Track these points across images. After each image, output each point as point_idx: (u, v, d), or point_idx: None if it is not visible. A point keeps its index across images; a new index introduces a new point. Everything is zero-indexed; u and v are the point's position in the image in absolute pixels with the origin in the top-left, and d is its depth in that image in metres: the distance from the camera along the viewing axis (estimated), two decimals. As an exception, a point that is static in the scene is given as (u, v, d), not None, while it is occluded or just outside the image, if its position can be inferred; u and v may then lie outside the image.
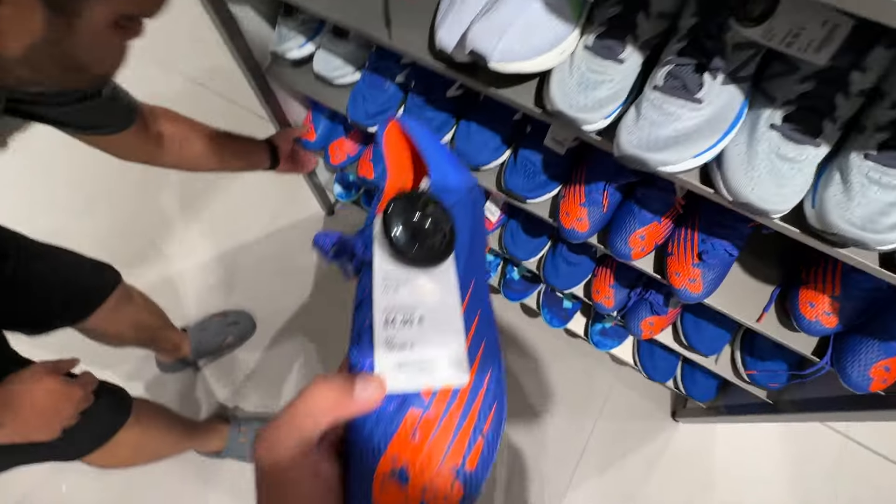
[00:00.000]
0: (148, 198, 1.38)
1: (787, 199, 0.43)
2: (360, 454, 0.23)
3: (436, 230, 0.25)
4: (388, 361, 0.23)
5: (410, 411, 0.22)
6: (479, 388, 0.23)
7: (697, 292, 0.62)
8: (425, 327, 0.23)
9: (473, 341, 0.24)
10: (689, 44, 0.43)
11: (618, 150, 0.46)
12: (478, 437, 0.22)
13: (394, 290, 0.24)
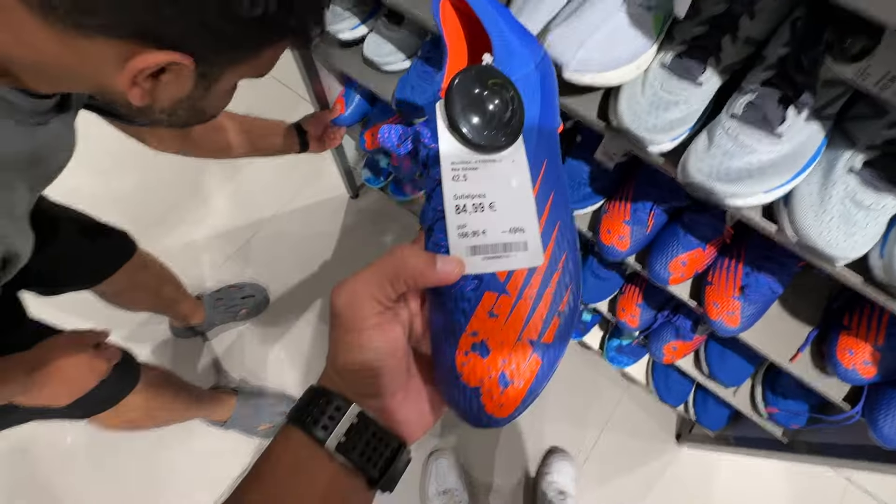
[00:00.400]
0: (174, 164, 1.36)
1: (856, 248, 0.41)
2: (443, 331, 0.24)
3: (502, 109, 0.24)
4: (462, 247, 0.23)
5: (487, 293, 0.23)
6: (553, 270, 0.24)
7: (734, 326, 0.60)
8: (497, 212, 0.24)
9: (547, 223, 0.24)
10: (777, 74, 0.41)
11: (684, 175, 0.44)
12: (553, 316, 0.23)
13: (462, 177, 0.24)
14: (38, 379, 0.52)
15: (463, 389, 0.23)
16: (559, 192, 0.26)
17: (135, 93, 0.32)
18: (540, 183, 0.25)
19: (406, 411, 0.25)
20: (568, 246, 0.25)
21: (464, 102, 0.23)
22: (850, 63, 0.38)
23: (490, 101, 0.23)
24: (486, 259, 0.23)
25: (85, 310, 0.91)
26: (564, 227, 0.25)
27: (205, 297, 1.15)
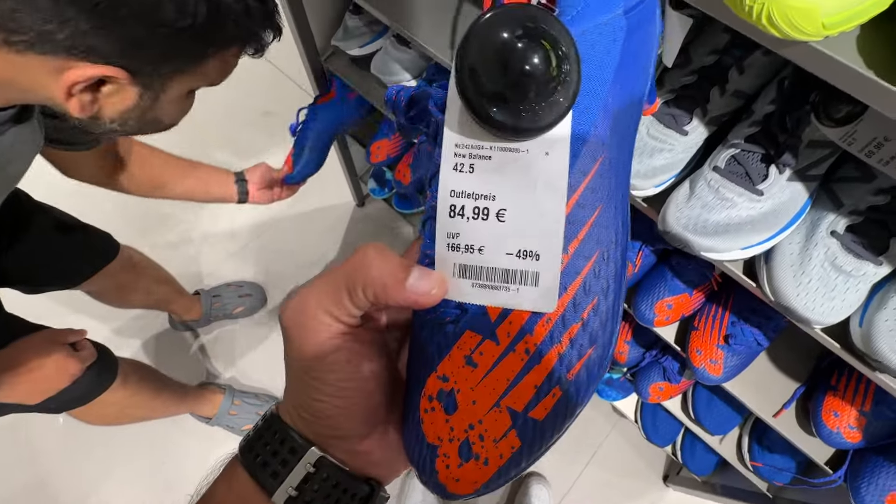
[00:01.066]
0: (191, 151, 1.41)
1: (834, 313, 0.40)
2: (415, 359, 0.19)
3: (542, 74, 0.15)
4: (449, 263, 0.18)
5: (469, 332, 0.18)
6: (570, 322, 0.17)
7: (716, 375, 0.59)
8: (506, 225, 0.17)
9: (577, 254, 0.17)
10: (761, 131, 0.41)
11: (663, 224, 0.44)
12: (554, 385, 0.17)
13: (468, 168, 0.17)
14: (9, 379, 0.53)
15: (420, 440, 0.18)
16: (610, 209, 0.18)
17: (73, 104, 0.33)
18: (582, 192, 0.17)
19: (384, 451, 0.20)
20: (602, 290, 0.17)
21: (485, 56, 0.15)
22: (837, 127, 0.37)
23: (526, 58, 0.15)
24: (478, 286, 0.17)
25: (79, 304, 0.93)
26: (604, 260, 0.18)
27: (202, 293, 1.17)
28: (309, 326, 0.18)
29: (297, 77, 1.53)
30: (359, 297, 0.17)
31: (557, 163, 0.17)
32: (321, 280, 0.18)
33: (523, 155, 0.17)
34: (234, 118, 1.46)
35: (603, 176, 0.18)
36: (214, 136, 1.43)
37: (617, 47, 0.18)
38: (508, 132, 0.16)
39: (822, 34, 0.26)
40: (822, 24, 0.26)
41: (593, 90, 0.18)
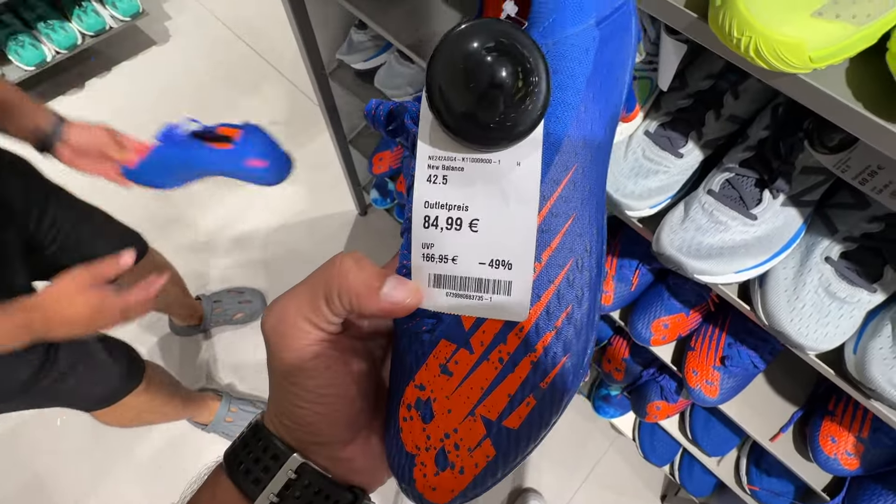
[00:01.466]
0: (198, 163, 1.43)
1: (828, 339, 0.40)
2: (397, 368, 0.19)
3: (510, 86, 0.15)
4: (424, 273, 0.18)
5: (443, 341, 0.18)
6: (544, 330, 0.17)
7: (712, 396, 0.58)
8: (478, 235, 0.17)
9: (551, 263, 0.17)
10: (756, 156, 0.41)
11: (657, 246, 0.44)
12: (528, 394, 0.17)
13: (441, 179, 0.17)
14: (41, 316, 0.48)
15: (400, 448, 0.19)
16: (584, 217, 0.18)
17: None
18: (555, 201, 0.17)
19: (367, 458, 0.20)
20: (576, 298, 0.17)
21: (453, 70, 0.15)
22: (831, 154, 0.37)
23: (493, 71, 0.15)
24: (452, 296, 0.18)
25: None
26: (577, 269, 0.18)
27: (204, 298, 1.18)
28: (288, 334, 0.18)
29: (305, 87, 1.55)
30: (335, 305, 0.17)
31: (529, 173, 0.17)
32: (300, 287, 0.18)
33: (495, 166, 0.17)
34: (242, 126, 1.47)
35: (576, 185, 0.18)
36: (221, 143, 1.45)
37: (589, 57, 0.18)
38: (478, 144, 0.16)
39: (810, 67, 0.27)
40: (808, 58, 0.26)
41: (565, 100, 0.18)
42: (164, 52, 1.62)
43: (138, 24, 1.51)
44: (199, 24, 1.68)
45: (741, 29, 0.26)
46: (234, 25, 1.68)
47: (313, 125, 1.49)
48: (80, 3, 1.41)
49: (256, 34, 1.65)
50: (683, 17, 0.31)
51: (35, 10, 1.37)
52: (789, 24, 0.25)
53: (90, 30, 1.40)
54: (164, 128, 0.66)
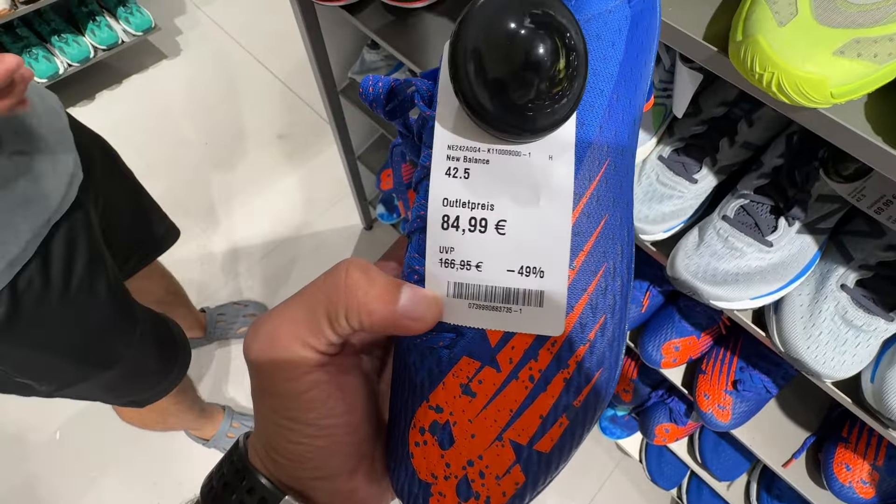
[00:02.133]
0: (203, 176, 1.45)
1: (845, 368, 0.40)
2: (401, 387, 0.17)
3: (547, 66, 0.13)
4: (442, 280, 0.16)
5: (466, 358, 0.16)
6: (579, 342, 0.16)
7: (724, 421, 0.58)
8: (507, 238, 0.15)
9: (584, 267, 0.16)
10: (770, 183, 0.41)
11: (672, 271, 0.44)
12: (561, 414, 0.16)
13: (463, 173, 0.15)
14: None
15: (411, 475, 0.17)
16: (616, 218, 0.16)
17: None
18: (587, 200, 0.16)
19: (372, 485, 0.18)
20: (609, 307, 0.16)
21: (487, 44, 0.13)
22: (846, 182, 0.38)
23: (533, 47, 0.13)
24: (476, 307, 0.16)
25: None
26: (610, 275, 0.16)
27: (208, 310, 1.18)
28: (282, 362, 0.15)
29: (313, 102, 1.57)
30: (341, 325, 0.15)
31: (562, 168, 0.15)
32: (294, 305, 0.16)
33: (525, 159, 0.15)
34: (249, 140, 1.49)
35: (609, 182, 0.16)
36: (230, 156, 1.46)
37: (622, 39, 0.16)
38: (510, 132, 0.14)
39: (831, 102, 0.27)
40: (830, 94, 0.26)
41: (598, 87, 0.16)
42: (174, 65, 1.64)
43: (149, 38, 1.54)
44: (209, 39, 1.70)
45: (763, 65, 0.27)
46: (244, 41, 1.70)
47: (320, 139, 1.50)
48: (93, 17, 1.44)
49: (265, 50, 1.67)
50: (703, 50, 0.32)
51: (50, 23, 1.40)
52: (812, 62, 0.26)
53: (103, 44, 1.42)
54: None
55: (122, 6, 1.47)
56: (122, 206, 0.67)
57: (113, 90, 1.56)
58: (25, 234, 0.42)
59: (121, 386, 0.64)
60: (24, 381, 0.51)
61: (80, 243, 0.49)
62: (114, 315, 0.55)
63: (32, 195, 0.43)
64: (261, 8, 1.76)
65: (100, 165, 0.60)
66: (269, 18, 1.72)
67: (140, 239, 0.74)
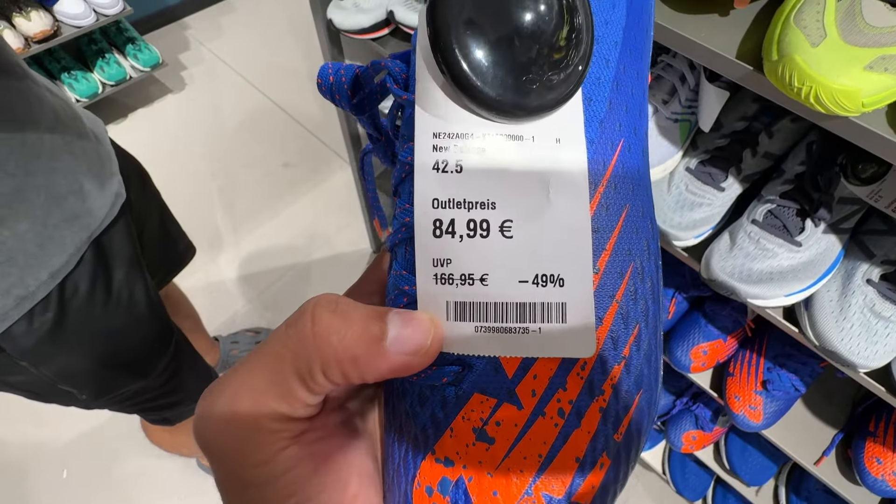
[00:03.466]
0: (210, 205, 1.46)
1: (878, 357, 0.42)
2: (398, 437, 0.14)
3: (547, 32, 0.12)
4: (440, 300, 0.13)
5: (477, 396, 0.13)
6: (611, 363, 0.13)
7: (757, 421, 0.60)
8: (513, 244, 0.13)
9: (609, 267, 0.13)
10: (795, 189, 0.45)
11: (707, 273, 0.47)
12: (600, 452, 0.13)
13: (454, 167, 0.12)
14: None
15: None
16: (637, 208, 0.14)
17: None
18: (604, 190, 0.13)
19: None
20: (642, 314, 0.13)
21: (469, 10, 0.11)
22: (863, 185, 0.41)
23: (527, 4, 0.11)
24: (484, 331, 0.13)
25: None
26: (639, 276, 0.13)
27: (221, 339, 1.17)
28: (247, 442, 0.12)
29: (317, 130, 1.61)
30: (318, 383, 0.12)
31: (573, 151, 0.13)
32: (253, 369, 0.12)
33: (528, 144, 0.13)
34: (255, 169, 1.51)
35: (626, 166, 0.14)
36: (236, 185, 1.48)
37: (622, 1, 0.14)
38: (508, 112, 0.12)
39: (861, 111, 0.31)
40: (862, 103, 0.30)
41: (603, 56, 0.14)
42: (179, 99, 1.68)
43: (155, 73, 1.57)
44: (214, 74, 1.75)
45: (802, 80, 0.30)
46: (247, 74, 1.75)
47: (325, 165, 1.54)
48: (102, 54, 1.47)
49: (269, 82, 1.72)
50: (738, 69, 0.35)
51: (60, 61, 1.43)
52: (846, 76, 0.29)
53: (111, 80, 1.45)
54: None
55: (131, 44, 1.51)
56: (150, 223, 0.69)
57: (119, 124, 1.58)
58: (70, 247, 0.44)
59: (155, 398, 0.64)
60: (66, 389, 0.52)
61: (121, 254, 0.51)
62: (152, 325, 0.57)
63: (80, 212, 0.46)
64: (263, 42, 1.82)
65: (134, 184, 0.62)
66: (271, 52, 1.78)
67: (165, 255, 0.75)
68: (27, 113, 0.41)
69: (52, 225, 0.43)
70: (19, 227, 0.40)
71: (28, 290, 0.42)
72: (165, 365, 0.60)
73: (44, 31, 1.24)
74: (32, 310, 0.43)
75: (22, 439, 1.07)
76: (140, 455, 1.06)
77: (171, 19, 1.86)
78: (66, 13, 1.27)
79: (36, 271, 0.42)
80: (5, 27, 1.22)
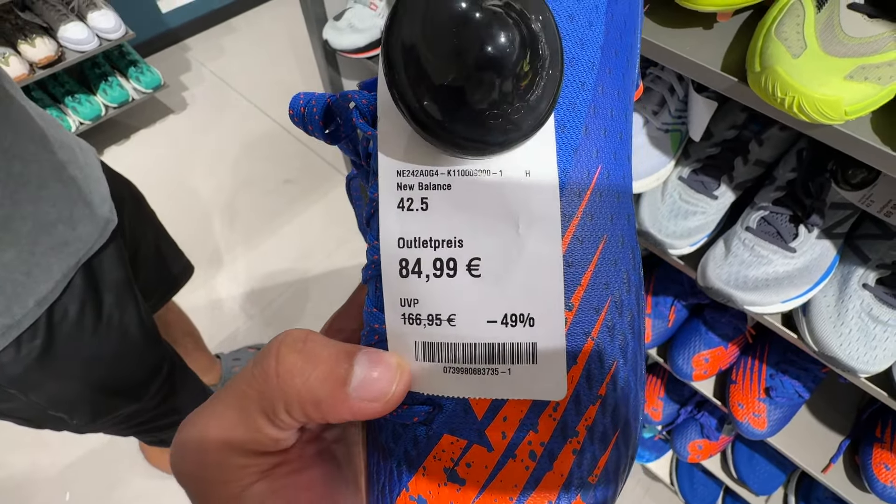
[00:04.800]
0: (210, 222, 1.47)
1: (877, 361, 0.42)
2: (376, 468, 0.14)
3: (517, 61, 0.11)
4: (408, 340, 0.13)
5: (447, 437, 0.13)
6: (586, 403, 0.13)
7: (761, 429, 0.59)
8: (482, 283, 0.12)
9: (585, 305, 0.13)
10: (787, 195, 0.45)
11: (704, 280, 0.47)
12: (574, 497, 0.12)
13: (419, 204, 0.12)
14: None
15: None
16: (616, 238, 0.13)
17: None
18: (579, 220, 0.13)
19: None
20: (620, 350, 0.13)
21: (429, 35, 0.11)
22: (855, 190, 0.42)
23: (491, 35, 0.10)
24: (453, 372, 0.13)
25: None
26: (617, 310, 0.13)
27: (223, 356, 1.17)
28: (217, 478, 0.12)
29: (317, 147, 1.63)
30: (283, 420, 0.12)
31: (543, 184, 0.12)
32: (221, 406, 0.12)
33: (495, 178, 0.12)
34: (256, 186, 1.53)
35: (604, 194, 0.13)
36: (237, 202, 1.50)
37: (601, 17, 0.13)
38: (470, 149, 0.11)
39: (844, 119, 0.31)
40: (844, 112, 0.31)
41: (579, 78, 0.13)
42: (180, 119, 1.70)
43: (156, 94, 1.60)
44: (214, 94, 1.78)
45: (784, 90, 0.31)
46: (247, 93, 1.78)
47: (325, 181, 1.55)
48: (105, 78, 1.50)
49: (269, 100, 1.75)
50: (723, 81, 0.36)
51: (64, 85, 1.45)
52: (827, 86, 0.30)
53: (113, 102, 1.48)
54: None
55: (133, 66, 1.54)
56: (145, 245, 0.69)
57: (121, 144, 1.61)
58: (56, 274, 0.44)
59: (149, 420, 0.64)
60: (57, 415, 0.51)
61: (111, 278, 0.51)
62: (144, 348, 0.56)
63: (70, 238, 0.45)
64: (263, 62, 1.85)
65: (128, 207, 0.63)
66: (271, 71, 1.81)
67: (161, 276, 0.75)
68: (15, 142, 0.41)
69: (40, 252, 0.42)
70: (6, 255, 0.40)
71: (14, 319, 0.41)
72: (158, 387, 0.60)
73: (48, 57, 1.26)
74: (20, 337, 0.42)
75: (23, 462, 1.06)
76: (142, 476, 1.06)
77: (173, 41, 1.90)
78: (70, 39, 1.30)
79: (23, 299, 0.41)
80: (11, 54, 1.24)
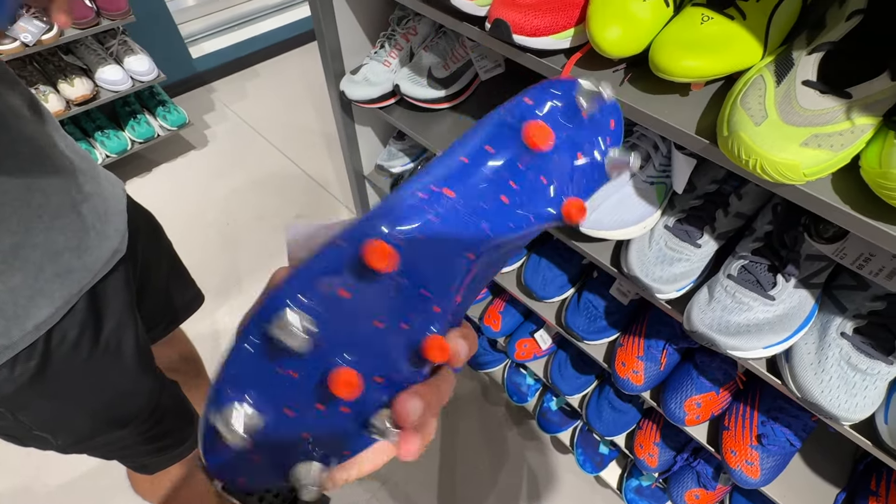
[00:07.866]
0: (223, 254, 1.52)
1: (859, 410, 0.43)
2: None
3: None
4: None
5: None
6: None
7: (754, 477, 0.59)
8: None
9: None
10: (765, 246, 0.48)
11: (689, 324, 0.49)
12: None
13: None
14: None
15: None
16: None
17: None
18: None
19: None
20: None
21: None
22: (828, 244, 0.45)
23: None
24: None
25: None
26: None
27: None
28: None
29: (329, 186, 1.70)
30: None
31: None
32: None
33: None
34: (268, 220, 1.58)
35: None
36: (250, 235, 1.55)
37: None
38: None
39: (804, 180, 0.35)
40: (803, 174, 0.34)
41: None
42: (201, 155, 1.79)
43: (180, 132, 1.70)
44: (235, 133, 1.88)
45: (748, 153, 0.35)
46: (266, 133, 1.88)
47: (335, 215, 1.61)
48: (135, 115, 1.60)
49: (285, 141, 1.84)
50: (697, 143, 0.40)
51: (95, 121, 1.55)
52: (785, 151, 0.34)
53: (140, 137, 1.57)
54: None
55: (162, 106, 1.64)
56: (158, 274, 0.70)
57: (143, 177, 1.69)
58: (58, 300, 0.44)
59: (134, 444, 0.63)
60: (41, 435, 0.51)
61: (114, 304, 0.51)
62: (137, 375, 0.56)
63: (75, 267, 0.45)
64: (283, 105, 1.96)
65: (143, 235, 0.64)
66: (289, 114, 1.92)
67: (170, 304, 0.77)
68: (40, 176, 0.41)
69: (44, 279, 0.43)
70: (13, 280, 0.40)
71: (11, 341, 0.41)
72: (148, 414, 0.59)
73: (84, 96, 1.36)
74: (16, 357, 0.42)
75: (12, 485, 1.05)
76: (131, 503, 1.04)
77: (200, 83, 2.03)
78: (106, 80, 1.40)
79: (22, 322, 0.42)
80: (51, 92, 1.34)
